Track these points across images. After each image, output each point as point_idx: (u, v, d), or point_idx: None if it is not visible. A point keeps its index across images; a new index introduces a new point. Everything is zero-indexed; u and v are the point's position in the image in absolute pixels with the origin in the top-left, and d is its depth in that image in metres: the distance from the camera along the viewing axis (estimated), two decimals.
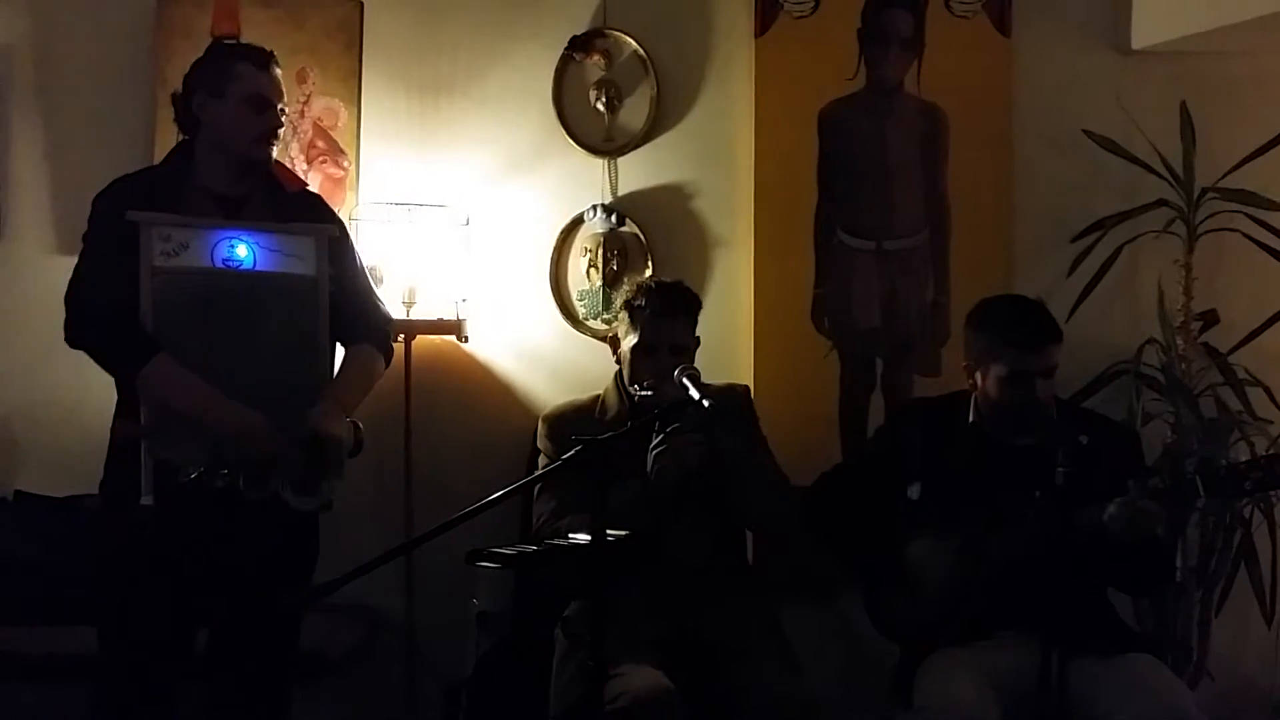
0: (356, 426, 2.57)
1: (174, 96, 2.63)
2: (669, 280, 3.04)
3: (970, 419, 2.88)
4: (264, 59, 2.58)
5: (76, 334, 2.46)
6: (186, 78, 2.61)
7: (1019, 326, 2.80)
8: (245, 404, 2.44)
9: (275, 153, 2.61)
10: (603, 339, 3.54)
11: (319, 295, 2.56)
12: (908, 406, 3.36)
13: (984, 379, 2.82)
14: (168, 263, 2.43)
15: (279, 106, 2.58)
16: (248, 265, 2.49)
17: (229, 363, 2.47)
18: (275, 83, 2.58)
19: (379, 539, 3.16)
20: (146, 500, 2.38)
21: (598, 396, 3.04)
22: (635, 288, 2.98)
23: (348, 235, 2.77)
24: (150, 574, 2.44)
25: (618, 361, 3.00)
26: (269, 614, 2.51)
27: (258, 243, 2.50)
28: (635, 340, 2.91)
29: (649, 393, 2.81)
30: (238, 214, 2.56)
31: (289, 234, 2.54)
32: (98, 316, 2.45)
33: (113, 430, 2.50)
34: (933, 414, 2.96)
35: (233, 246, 2.48)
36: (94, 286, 2.47)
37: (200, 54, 2.65)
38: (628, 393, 2.96)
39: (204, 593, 2.48)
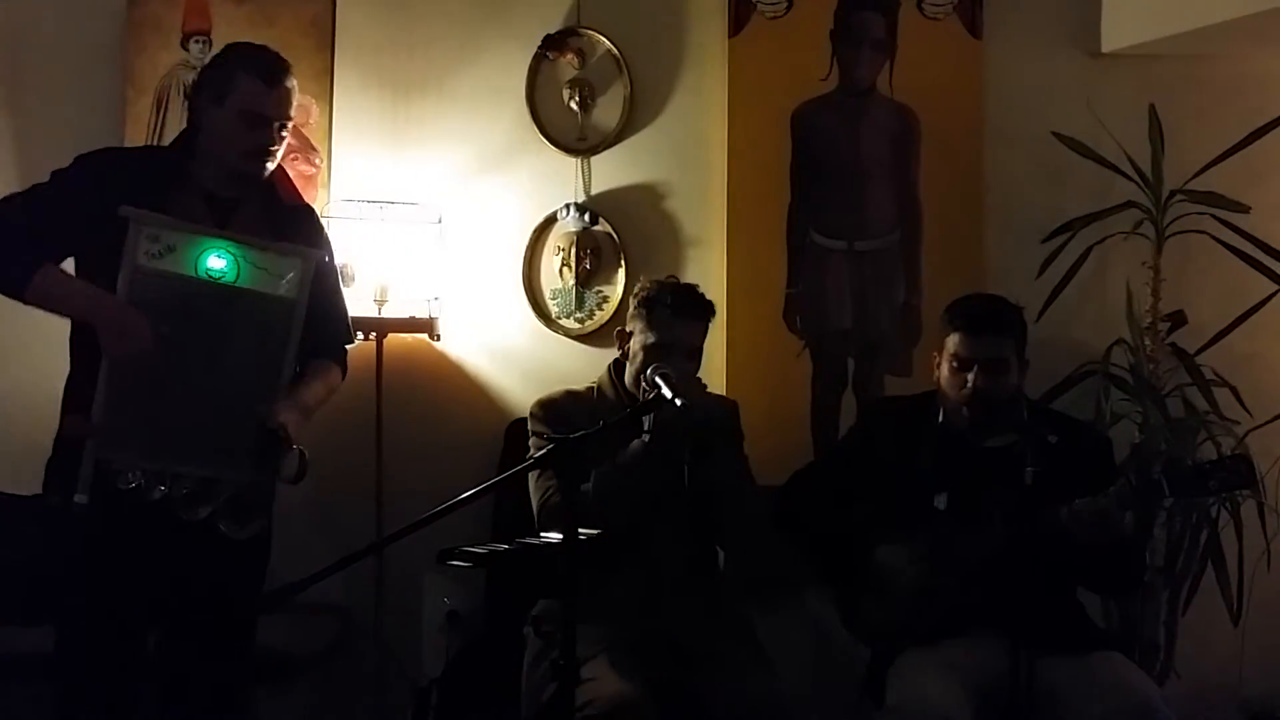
0: (302, 454, 2.51)
1: (190, 85, 2.60)
2: (688, 283, 2.99)
3: (940, 418, 2.91)
4: (271, 74, 2.48)
5: None
6: (201, 71, 2.57)
7: (963, 313, 2.87)
8: (198, 416, 2.41)
9: (270, 167, 2.53)
10: (576, 338, 3.54)
11: (293, 320, 2.51)
12: (879, 405, 3.38)
13: (938, 368, 2.89)
14: (151, 264, 2.39)
15: (279, 123, 2.49)
16: (230, 279, 2.44)
17: (191, 372, 2.43)
18: (278, 99, 2.49)
19: (349, 538, 3.14)
20: (80, 499, 2.34)
21: (593, 386, 3.00)
22: (655, 284, 2.93)
23: (333, 254, 2.74)
24: (86, 573, 2.41)
25: (623, 357, 2.96)
26: (221, 619, 2.48)
27: (244, 257, 2.45)
28: (652, 339, 2.85)
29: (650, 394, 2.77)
30: (229, 218, 2.51)
31: (277, 254, 2.49)
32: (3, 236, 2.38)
33: (60, 424, 2.47)
34: (903, 413, 2.98)
35: (219, 257, 2.43)
36: (18, 213, 2.40)
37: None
38: (625, 387, 2.94)
39: (147, 596, 2.44)
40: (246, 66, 2.48)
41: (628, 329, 2.96)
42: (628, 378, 2.93)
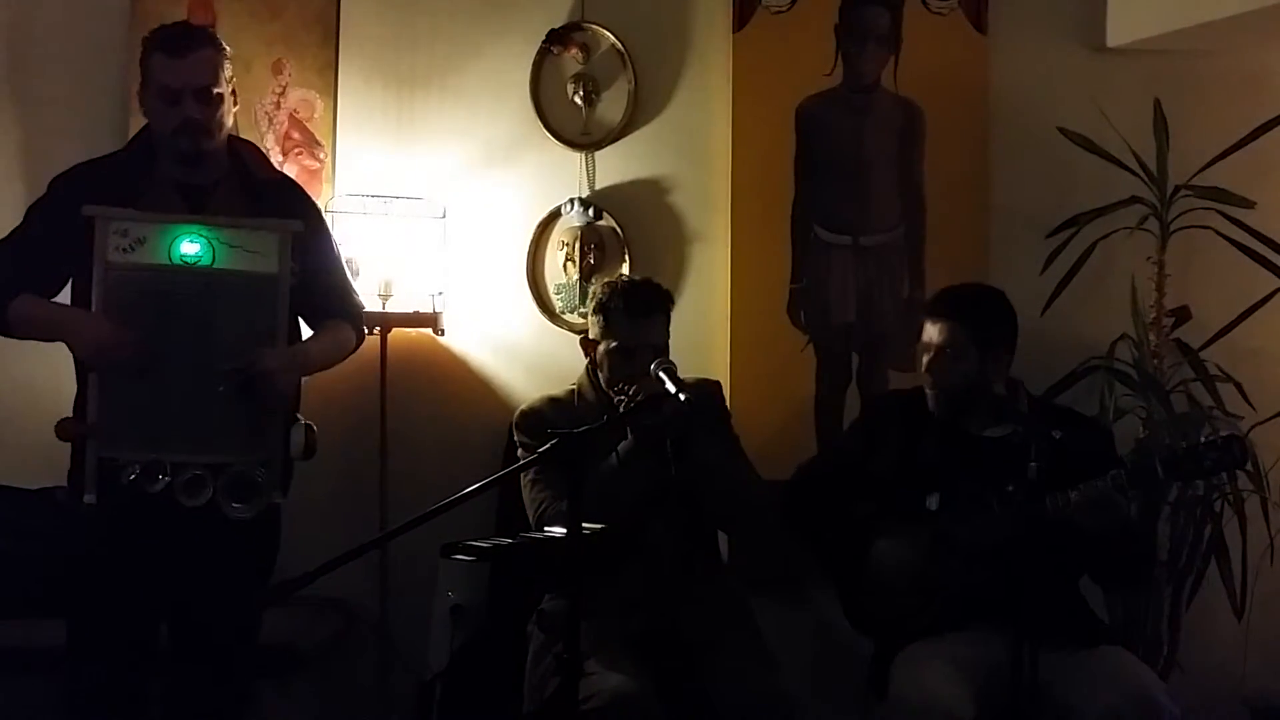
0: (310, 429, 2.51)
1: None
2: (639, 278, 3.00)
3: (936, 411, 2.91)
4: (177, 45, 2.45)
5: None
6: None
7: (931, 299, 2.97)
8: (192, 403, 2.41)
9: (212, 138, 2.49)
10: (580, 333, 3.54)
11: (278, 294, 2.49)
12: (880, 399, 3.38)
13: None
14: (123, 258, 2.38)
15: (193, 91, 2.43)
16: (206, 261, 2.43)
17: (182, 361, 2.43)
18: (187, 68, 2.43)
19: (353, 532, 3.15)
20: (89, 498, 2.35)
21: (573, 390, 3.01)
22: (605, 288, 2.92)
23: (323, 222, 2.73)
24: (99, 569, 2.42)
25: (592, 364, 2.96)
26: (230, 610, 2.49)
27: (217, 238, 2.43)
28: (614, 343, 2.86)
29: (623, 397, 2.78)
30: (205, 203, 2.50)
31: (251, 230, 2.47)
32: None
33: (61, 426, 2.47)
34: (904, 406, 2.99)
35: (191, 242, 2.42)
36: (2, 256, 2.44)
37: None
38: (604, 387, 2.95)
39: (156, 590, 2.45)
40: (156, 45, 2.49)
41: (591, 336, 2.95)
42: (602, 383, 2.92)
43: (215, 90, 2.46)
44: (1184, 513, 3.35)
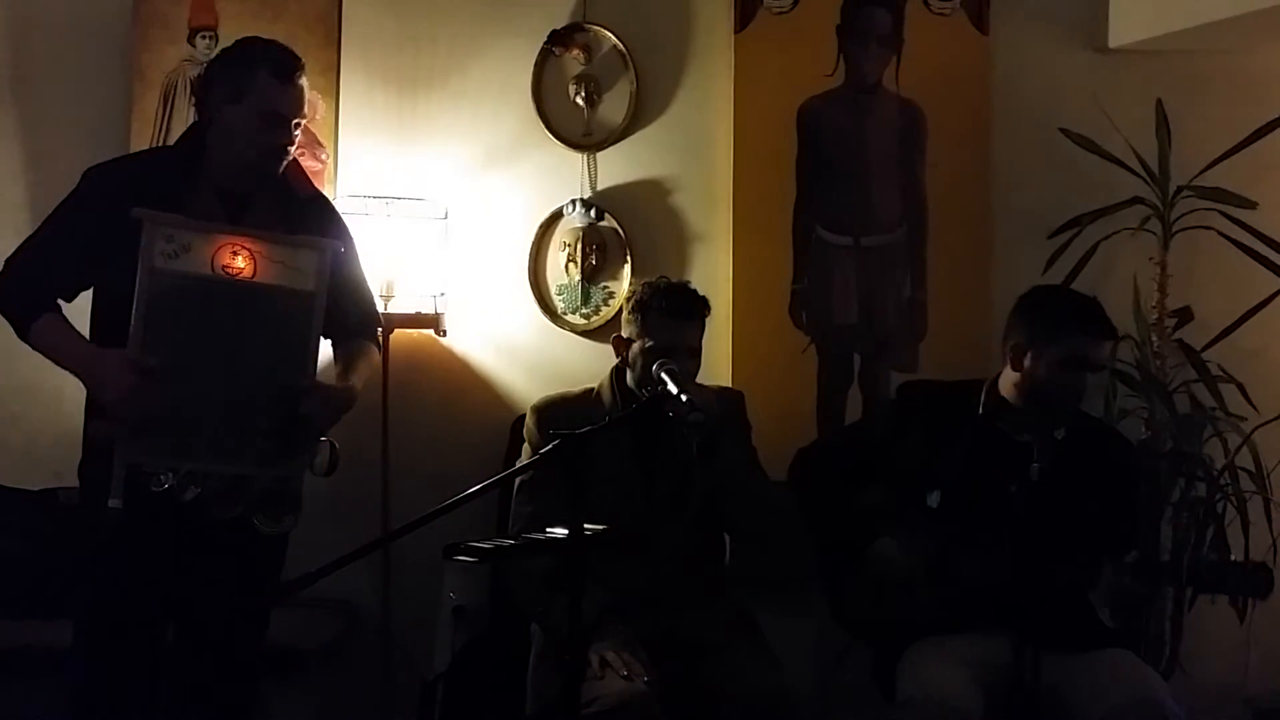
0: (333, 446, 2.53)
1: (196, 79, 2.59)
2: (679, 281, 2.97)
3: (980, 410, 2.87)
4: (288, 71, 2.47)
5: None
6: (209, 66, 2.56)
7: (1089, 315, 2.79)
8: (225, 414, 2.42)
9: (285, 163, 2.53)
10: (582, 333, 3.54)
11: (314, 311, 2.49)
12: (915, 389, 3.18)
13: (1035, 361, 2.76)
14: (167, 264, 2.37)
15: (295, 121, 2.49)
16: (247, 274, 2.43)
17: (214, 370, 2.43)
18: (296, 97, 2.48)
19: (356, 533, 3.14)
20: (115, 504, 2.34)
21: (590, 390, 3.00)
22: (646, 288, 2.91)
23: (353, 241, 2.73)
24: (115, 576, 2.42)
25: (623, 363, 2.94)
26: (235, 614, 2.50)
27: (260, 253, 2.44)
28: (650, 343, 2.84)
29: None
30: (244, 213, 2.50)
31: (293, 246, 2.48)
32: (16, 276, 2.44)
33: (86, 428, 2.47)
34: (943, 400, 2.92)
35: (235, 254, 2.42)
36: (31, 258, 2.45)
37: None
38: (625, 392, 2.93)
39: (167, 594, 2.46)
40: (264, 65, 2.46)
41: (624, 334, 2.94)
42: (630, 383, 2.92)
43: (302, 120, 2.53)
44: (1187, 514, 3.35)
